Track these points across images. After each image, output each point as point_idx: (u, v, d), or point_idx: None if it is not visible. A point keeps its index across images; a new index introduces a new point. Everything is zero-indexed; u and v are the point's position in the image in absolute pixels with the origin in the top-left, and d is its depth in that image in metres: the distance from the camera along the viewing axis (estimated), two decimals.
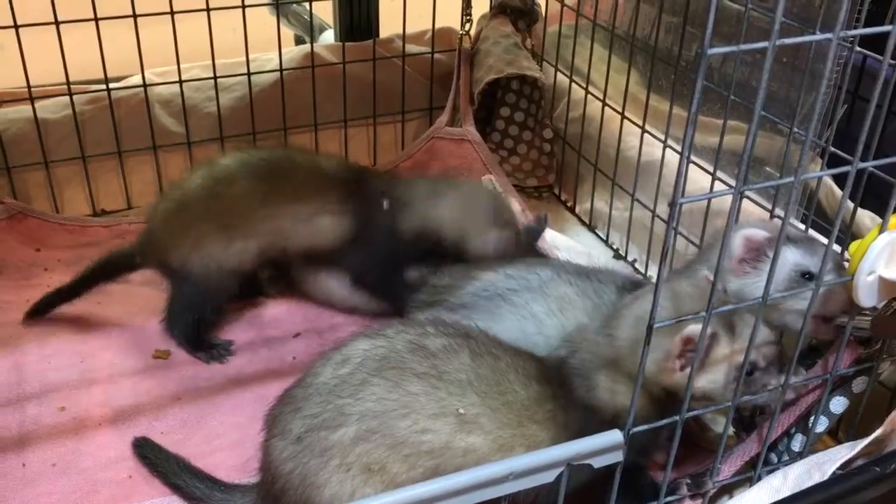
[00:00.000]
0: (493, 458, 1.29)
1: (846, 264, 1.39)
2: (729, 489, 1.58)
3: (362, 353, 1.35)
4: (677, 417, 1.28)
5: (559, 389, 1.40)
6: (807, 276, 1.52)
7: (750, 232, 1.57)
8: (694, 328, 1.27)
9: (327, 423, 1.31)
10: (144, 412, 1.80)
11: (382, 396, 1.30)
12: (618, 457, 1.23)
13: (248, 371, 1.91)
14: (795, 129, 1.74)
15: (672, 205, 1.08)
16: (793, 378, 1.36)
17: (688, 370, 1.28)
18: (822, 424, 1.50)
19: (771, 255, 1.48)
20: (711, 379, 1.35)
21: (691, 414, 1.32)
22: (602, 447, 1.19)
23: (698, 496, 1.49)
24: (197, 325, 1.96)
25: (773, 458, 1.57)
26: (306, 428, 1.32)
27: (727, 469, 1.52)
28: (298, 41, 3.28)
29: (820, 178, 1.90)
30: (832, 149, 1.69)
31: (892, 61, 1.15)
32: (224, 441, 1.70)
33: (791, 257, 1.55)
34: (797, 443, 1.53)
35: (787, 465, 1.50)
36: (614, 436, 1.19)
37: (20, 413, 1.78)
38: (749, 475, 1.54)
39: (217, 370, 1.92)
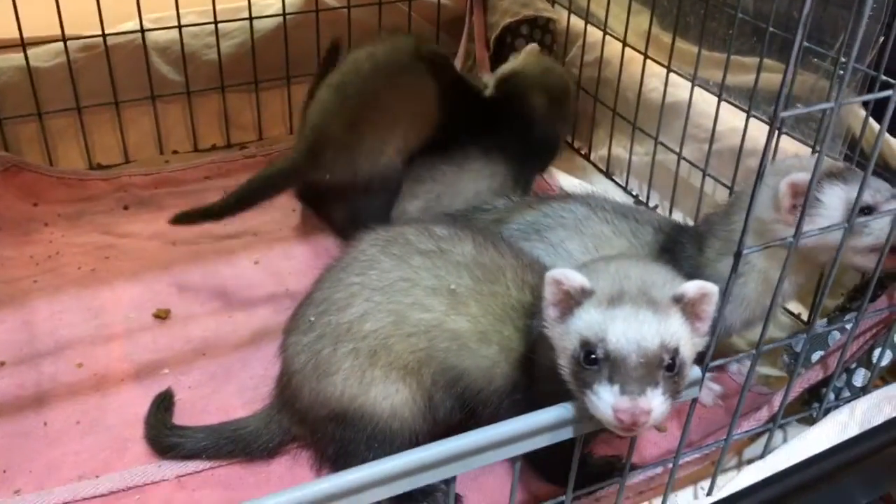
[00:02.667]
0: (473, 346, 1.34)
1: None
2: (782, 426, 1.54)
3: (371, 239, 1.44)
4: (753, 351, 1.23)
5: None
6: (865, 210, 1.45)
7: (795, 177, 1.44)
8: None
9: (338, 304, 1.38)
10: (168, 366, 1.71)
11: (387, 270, 1.37)
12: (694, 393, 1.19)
13: (274, 323, 1.82)
14: (839, 58, 1.69)
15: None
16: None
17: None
18: (886, 358, 1.46)
19: (820, 196, 1.43)
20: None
21: (768, 347, 1.27)
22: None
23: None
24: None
25: (831, 395, 1.53)
26: (318, 314, 1.40)
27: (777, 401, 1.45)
28: None
29: (866, 121, 1.84)
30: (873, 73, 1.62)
31: None
32: (256, 394, 1.61)
33: (843, 194, 1.47)
34: (859, 378, 1.49)
35: (849, 401, 1.46)
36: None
37: (35, 371, 1.68)
38: (805, 415, 1.50)
39: (241, 323, 1.84)
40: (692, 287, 1.15)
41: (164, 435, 1.52)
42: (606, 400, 1.09)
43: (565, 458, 1.20)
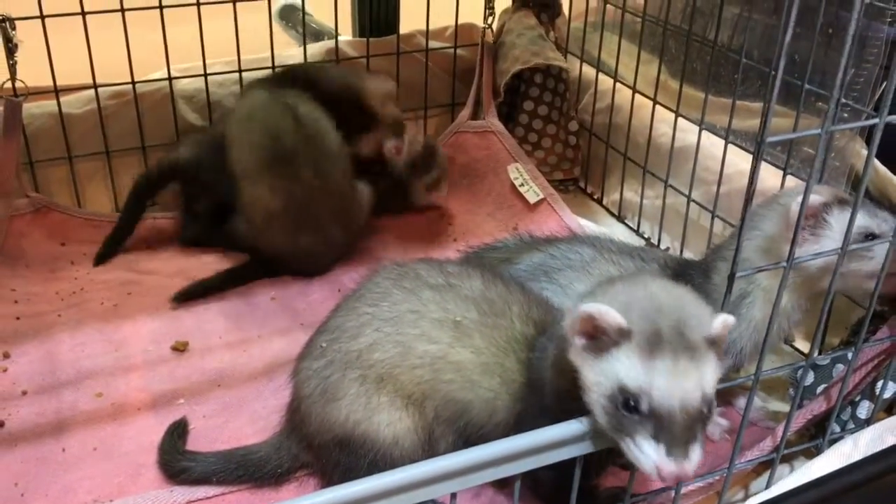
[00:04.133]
0: (476, 378, 1.38)
1: None
2: (789, 458, 1.54)
3: (386, 272, 1.50)
4: (752, 377, 1.25)
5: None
6: (869, 237, 1.48)
7: (812, 199, 1.52)
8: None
9: (350, 333, 1.43)
10: (184, 397, 1.75)
11: (397, 302, 1.42)
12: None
13: (287, 355, 1.85)
14: (843, 100, 1.73)
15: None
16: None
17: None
18: (889, 390, 1.47)
19: (829, 219, 1.47)
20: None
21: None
22: None
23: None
24: None
25: (836, 427, 1.54)
26: (330, 340, 1.45)
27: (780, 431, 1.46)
28: None
29: (869, 159, 1.88)
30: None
31: None
32: (268, 423, 1.65)
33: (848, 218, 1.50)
34: (863, 410, 1.50)
35: (854, 432, 1.46)
36: None
37: (56, 399, 1.73)
38: (809, 446, 1.51)
39: (256, 356, 1.88)
40: (718, 326, 1.15)
41: (176, 459, 1.56)
42: (651, 456, 1.10)
43: (568, 484, 1.22)
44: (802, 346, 1.93)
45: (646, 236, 2.46)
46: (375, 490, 1.06)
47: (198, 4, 2.34)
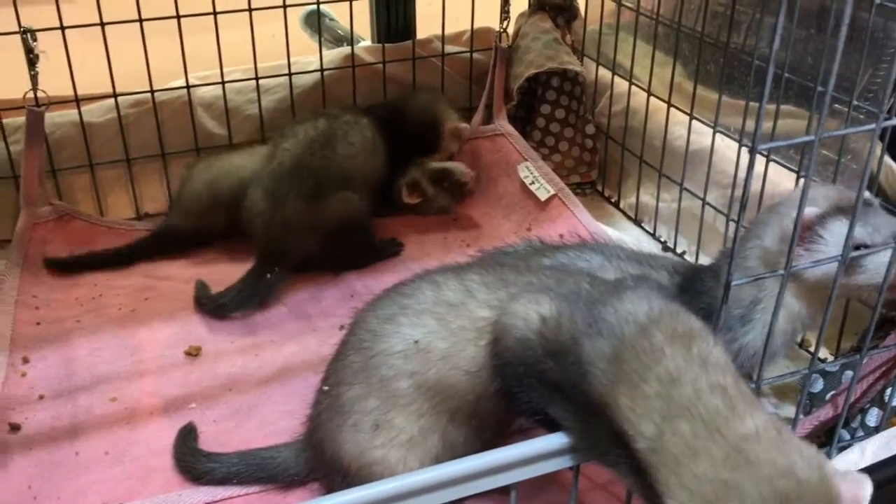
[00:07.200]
0: (462, 365, 1.32)
1: None
2: None
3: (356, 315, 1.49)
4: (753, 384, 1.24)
5: None
6: (861, 248, 1.43)
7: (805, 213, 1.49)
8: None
9: (343, 381, 1.41)
10: (196, 401, 1.78)
11: (365, 349, 1.40)
12: None
13: (299, 360, 1.88)
14: (855, 102, 1.71)
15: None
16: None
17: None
18: None
19: (823, 233, 1.43)
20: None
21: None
22: None
23: None
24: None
25: (846, 434, 1.51)
26: (331, 384, 1.45)
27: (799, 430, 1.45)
28: None
29: (881, 161, 1.85)
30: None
31: None
32: (277, 427, 1.67)
33: (843, 231, 1.47)
34: (872, 418, 1.47)
35: (861, 440, 1.44)
36: None
37: (72, 404, 1.76)
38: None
39: (267, 360, 1.90)
40: None
41: (200, 462, 1.58)
42: None
43: None
44: (822, 350, 1.90)
45: (662, 240, 2.45)
46: (366, 500, 1.07)
47: (214, 14, 2.37)
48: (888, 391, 1.44)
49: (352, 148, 2.25)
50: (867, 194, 1.49)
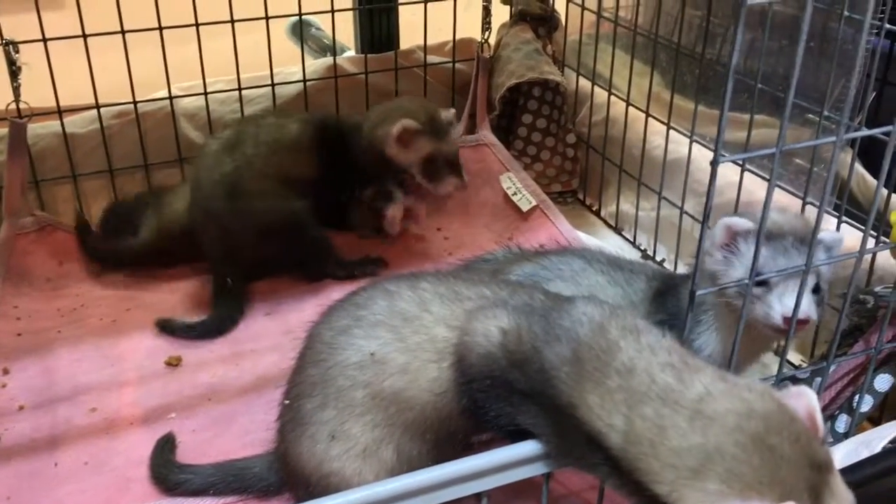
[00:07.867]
0: (423, 387, 1.32)
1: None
2: None
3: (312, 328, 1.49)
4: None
5: None
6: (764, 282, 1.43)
7: (732, 221, 1.51)
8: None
9: (305, 393, 1.41)
10: (176, 411, 1.79)
11: (321, 361, 1.39)
12: None
13: (277, 370, 1.89)
14: (826, 112, 1.73)
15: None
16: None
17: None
18: (866, 404, 1.47)
19: (742, 247, 1.46)
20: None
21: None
22: None
23: None
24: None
25: None
26: (292, 398, 1.44)
27: None
28: None
29: (851, 168, 1.88)
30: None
31: None
32: (256, 437, 1.68)
33: (751, 255, 1.39)
34: (842, 423, 1.50)
35: (831, 446, 1.46)
36: None
37: (51, 415, 1.77)
38: None
39: (247, 369, 1.91)
40: None
41: (174, 473, 1.59)
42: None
43: None
44: (794, 357, 1.93)
45: (642, 248, 2.47)
46: None
47: (196, 25, 2.39)
48: (856, 398, 1.46)
49: (263, 147, 2.20)
50: (831, 236, 1.52)
